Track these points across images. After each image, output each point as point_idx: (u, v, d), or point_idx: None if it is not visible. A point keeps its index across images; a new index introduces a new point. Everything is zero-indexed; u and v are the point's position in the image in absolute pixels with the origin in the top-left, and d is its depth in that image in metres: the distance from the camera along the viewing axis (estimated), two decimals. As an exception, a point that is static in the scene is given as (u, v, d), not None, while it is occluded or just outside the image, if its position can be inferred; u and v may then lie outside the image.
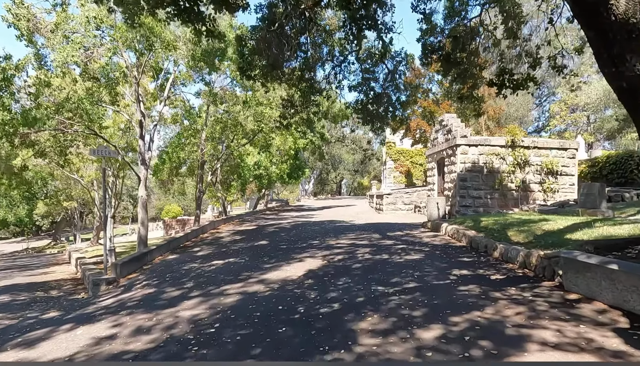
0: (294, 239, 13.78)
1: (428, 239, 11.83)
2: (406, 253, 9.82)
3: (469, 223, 12.71)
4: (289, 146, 26.54)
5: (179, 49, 13.40)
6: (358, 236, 13.48)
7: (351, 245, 11.67)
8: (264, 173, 26.13)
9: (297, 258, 10.33)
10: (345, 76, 13.57)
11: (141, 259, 12.20)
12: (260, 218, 23.85)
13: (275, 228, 18.05)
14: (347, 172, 78.82)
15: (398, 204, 25.02)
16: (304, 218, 23.46)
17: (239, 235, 16.20)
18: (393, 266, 8.42)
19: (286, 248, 12.16)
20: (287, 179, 29.17)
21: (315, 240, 13.24)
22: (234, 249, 12.79)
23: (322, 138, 30.80)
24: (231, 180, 24.94)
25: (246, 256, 11.29)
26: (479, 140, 17.90)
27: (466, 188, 17.69)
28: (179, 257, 12.68)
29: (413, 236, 12.89)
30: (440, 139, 20.49)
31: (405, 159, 36.43)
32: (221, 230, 18.32)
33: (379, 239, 12.59)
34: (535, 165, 17.78)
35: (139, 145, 14.60)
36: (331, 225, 17.93)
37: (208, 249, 13.61)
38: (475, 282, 6.67)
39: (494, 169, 17.71)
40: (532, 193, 17.81)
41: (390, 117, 15.08)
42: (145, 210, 14.84)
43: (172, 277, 9.86)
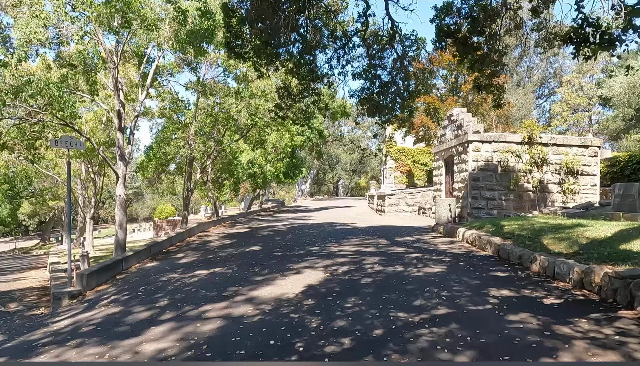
0: (290, 245, 12.22)
1: (444, 247, 10.30)
2: (423, 263, 8.28)
3: (489, 227, 11.20)
4: (285, 143, 24.97)
5: (161, 29, 11.83)
6: (363, 242, 11.94)
7: (356, 253, 10.13)
8: (259, 172, 24.54)
9: (294, 268, 8.77)
10: (349, 61, 12.03)
11: (114, 268, 10.60)
12: (254, 220, 22.26)
13: (269, 231, 16.48)
14: (344, 173, 77.34)
15: (401, 205, 23.51)
16: (301, 219, 21.89)
17: (229, 239, 14.62)
18: (412, 282, 6.88)
19: (281, 255, 10.60)
20: (283, 179, 27.60)
21: (315, 246, 11.69)
22: (222, 257, 11.21)
23: (320, 135, 29.25)
24: (223, 179, 23.35)
25: (235, 265, 9.72)
26: (493, 136, 16.40)
27: (478, 188, 16.19)
28: (159, 265, 11.10)
29: (426, 242, 11.36)
30: (449, 136, 19.00)
31: (406, 158, 34.94)
32: (210, 233, 16.72)
33: (388, 245, 11.05)
34: (553, 164, 16.30)
35: (117, 138, 13.00)
36: (331, 228, 16.38)
37: (193, 255, 12.03)
38: (526, 308, 5.14)
39: (509, 168, 16.22)
40: (550, 194, 16.33)
41: (399, 108, 13.56)
42: (123, 211, 13.23)
43: (146, 291, 8.29)
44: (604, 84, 33.92)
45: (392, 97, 13.34)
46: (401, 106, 13.28)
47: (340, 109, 29.93)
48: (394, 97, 13.37)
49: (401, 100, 13.26)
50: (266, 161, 25.43)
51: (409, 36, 12.60)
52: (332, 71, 12.04)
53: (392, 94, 13.36)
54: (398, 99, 13.24)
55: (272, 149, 25.37)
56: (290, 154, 27.12)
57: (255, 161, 24.04)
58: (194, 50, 13.26)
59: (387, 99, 13.37)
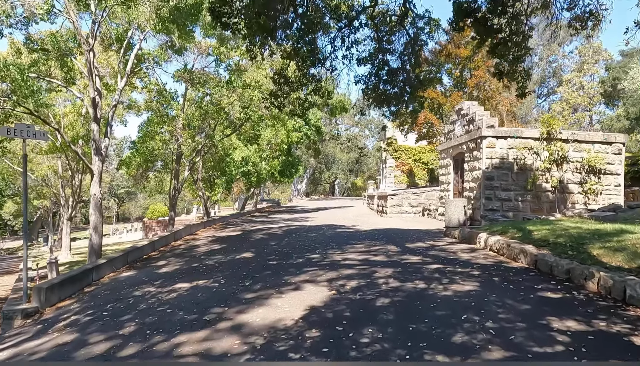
0: (286, 252, 10.76)
1: (466, 256, 8.88)
2: (448, 278, 6.86)
3: (514, 232, 9.82)
4: (281, 139, 23.48)
5: (141, 6, 10.35)
6: (369, 248, 10.51)
7: (364, 262, 8.70)
8: (253, 170, 23.04)
9: (292, 282, 7.33)
10: (354, 43, 10.58)
11: (83, 279, 9.10)
12: (247, 221, 20.77)
13: (263, 234, 15.01)
14: (341, 172, 75.99)
15: (404, 206, 22.11)
16: (298, 221, 20.43)
17: (218, 243, 13.14)
18: (442, 305, 5.46)
19: (277, 264, 9.14)
20: (278, 178, 26.13)
21: (315, 253, 10.25)
22: (208, 265, 9.74)
23: (318, 132, 27.81)
24: (215, 177, 21.86)
25: (222, 277, 8.27)
26: (509, 131, 15.03)
27: (493, 188, 14.81)
28: (135, 275, 9.63)
29: (442, 249, 9.94)
30: (458, 132, 17.62)
31: (407, 157, 33.59)
32: (199, 236, 15.23)
33: (399, 253, 9.62)
34: (574, 162, 14.96)
35: (92, 130, 11.51)
36: (331, 231, 14.95)
37: (176, 263, 10.55)
38: (614, 353, 3.73)
39: (526, 166, 14.86)
40: (570, 195, 14.98)
41: (408, 99, 12.14)
42: (99, 212, 11.73)
43: (113, 311, 6.84)
44: (627, 76, 32.44)
45: (401, 86, 11.93)
46: (411, 96, 11.86)
47: (339, 105, 28.53)
48: (403, 86, 11.96)
49: (411, 89, 11.84)
50: (261, 159, 23.94)
51: (423, 16, 11.20)
52: (335, 54, 10.60)
53: (401, 83, 11.95)
54: (407, 88, 11.83)
55: (267, 146, 23.89)
56: (286, 152, 25.64)
57: (249, 159, 22.55)
58: (178, 30, 11.76)
59: (396, 88, 11.97)
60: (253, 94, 16.21)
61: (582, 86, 52.38)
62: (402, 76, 11.94)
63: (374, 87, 11.99)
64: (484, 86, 25.11)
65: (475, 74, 24.68)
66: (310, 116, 26.18)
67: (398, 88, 11.91)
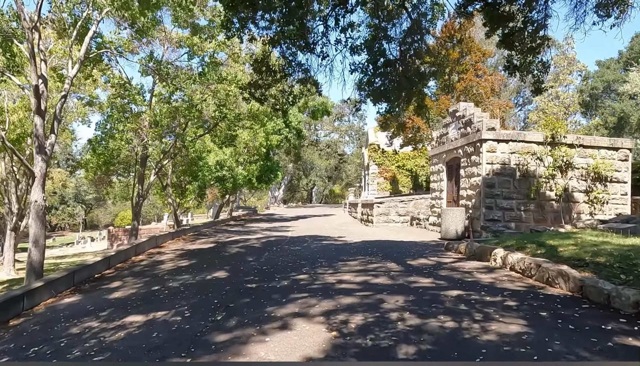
0: (267, 271, 9.06)
1: (486, 278, 7.40)
2: (481, 311, 5.33)
3: (534, 248, 8.45)
4: (260, 142, 21.76)
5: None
6: (366, 266, 8.92)
7: (364, 286, 7.11)
8: (228, 175, 21.20)
9: (277, 317, 5.66)
10: (349, 25, 9.06)
11: (8, 309, 7.17)
12: (221, 231, 18.90)
13: (240, 247, 13.24)
14: (319, 179, 74.49)
15: (391, 215, 20.69)
16: (278, 231, 18.70)
17: (187, 259, 11.31)
18: (491, 357, 3.91)
19: (256, 288, 7.44)
20: (256, 184, 24.34)
21: (302, 272, 8.59)
22: (172, 289, 7.95)
23: (298, 135, 26.20)
24: (186, 183, 19.92)
25: (187, 307, 6.52)
26: (511, 134, 13.82)
27: (494, 196, 13.52)
28: (79, 302, 7.76)
29: (452, 268, 8.44)
30: (452, 135, 16.34)
31: (390, 163, 32.34)
32: (165, 250, 13.33)
33: (403, 273, 8.07)
34: (579, 168, 13.84)
35: (34, 124, 9.56)
36: (317, 244, 13.32)
37: (133, 285, 8.70)
38: None
39: (529, 172, 13.65)
40: (575, 204, 13.84)
41: (406, 95, 10.70)
42: (41, 223, 9.75)
43: (37, 357, 5.09)
44: (628, 79, 32.05)
45: (399, 79, 10.47)
46: (411, 93, 10.42)
47: (321, 107, 27.04)
48: (400, 80, 10.50)
49: (411, 84, 10.40)
50: (237, 163, 22.14)
51: (425, 0, 9.80)
52: (327, 38, 9.03)
53: (399, 75, 10.50)
54: (407, 81, 10.38)
55: (244, 149, 22.12)
56: (265, 156, 23.91)
57: (225, 163, 20.73)
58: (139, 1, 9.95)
59: (394, 81, 10.51)
60: (229, 89, 14.51)
61: (557, 95, 52.72)
62: (401, 68, 10.51)
63: (370, 80, 10.52)
64: (472, 89, 24.10)
65: (464, 77, 23.65)
66: (291, 118, 24.56)
67: (396, 81, 10.46)
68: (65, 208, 63.98)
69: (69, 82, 10.59)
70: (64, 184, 40.26)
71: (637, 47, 44.64)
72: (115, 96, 15.68)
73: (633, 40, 45.54)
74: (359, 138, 62.11)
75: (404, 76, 10.24)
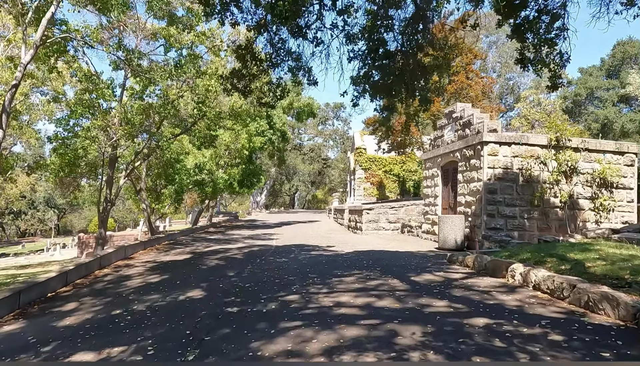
0: (251, 289, 7.79)
1: (510, 299, 6.31)
2: (526, 352, 4.21)
3: (555, 262, 7.48)
4: (242, 144, 20.45)
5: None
6: (365, 284, 7.75)
7: (368, 311, 5.93)
8: (208, 179, 19.82)
9: (265, 357, 4.44)
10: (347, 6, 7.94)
11: None
12: (199, 239, 17.48)
13: (219, 258, 11.92)
14: (302, 184, 73.26)
15: (381, 222, 19.62)
16: (261, 239, 17.41)
17: (158, 274, 9.93)
18: None
19: (238, 314, 6.18)
20: (238, 188, 22.98)
21: (291, 292, 7.37)
22: (136, 314, 6.62)
23: (283, 138, 24.96)
24: (162, 187, 18.45)
25: (152, 341, 5.23)
26: (513, 137, 12.92)
27: (496, 203, 12.56)
28: (20, 331, 6.35)
29: (466, 286, 7.34)
30: (448, 137, 15.39)
31: (377, 168, 31.37)
32: (135, 262, 11.90)
33: (411, 293, 6.93)
34: (585, 174, 13.02)
35: (-23, 117, 8.10)
36: (305, 255, 12.09)
37: (90, 308, 7.31)
38: None
39: (533, 177, 12.76)
40: (581, 211, 13.00)
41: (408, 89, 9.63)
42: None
43: None
44: (628, 81, 31.74)
45: (399, 73, 9.40)
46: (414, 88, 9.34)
47: (306, 109, 25.88)
48: (401, 73, 9.43)
49: (413, 77, 9.34)
50: (217, 166, 20.76)
51: (431, -18, 8.75)
52: (321, 22, 7.88)
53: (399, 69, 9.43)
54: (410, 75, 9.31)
55: (225, 152, 20.78)
56: (247, 159, 22.59)
57: (204, 166, 19.34)
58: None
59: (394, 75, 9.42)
60: (209, 83, 13.23)
61: (539, 102, 52.91)
62: (402, 60, 9.44)
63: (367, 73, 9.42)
64: (463, 92, 23.34)
65: (455, 79, 22.87)
66: (275, 120, 23.35)
67: (396, 74, 9.38)
68: (35, 212, 60.92)
69: (21, 70, 9.15)
70: (33, 188, 37.98)
71: (619, 54, 45.01)
72: (82, 91, 14.16)
73: (615, 47, 45.93)
74: (344, 143, 61.26)
75: (406, 68, 9.17)
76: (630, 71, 32.05)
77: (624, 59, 44.57)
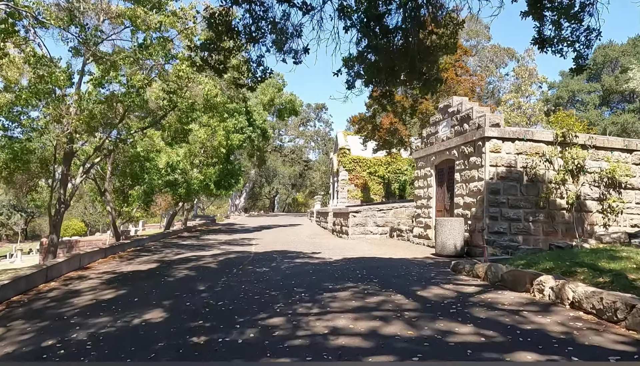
0: (224, 310, 6.33)
1: (551, 324, 5.05)
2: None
3: (587, 273, 6.33)
4: (219, 141, 18.90)
5: None
6: (364, 301, 6.40)
7: (375, 341, 4.58)
8: (181, 179, 18.20)
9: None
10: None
11: None
12: (170, 245, 15.85)
13: (190, 268, 10.39)
14: (283, 187, 71.65)
15: (369, 226, 18.37)
16: (239, 245, 15.91)
17: (114, 288, 8.35)
18: None
19: (205, 348, 4.73)
20: (214, 190, 21.38)
21: (274, 312, 5.96)
22: (74, 346, 5.10)
23: (263, 136, 23.51)
24: (129, 187, 16.76)
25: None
26: (517, 132, 11.86)
27: (499, 204, 11.43)
28: None
29: (486, 304, 6.06)
30: (443, 134, 14.25)
31: (362, 169, 30.18)
32: (91, 272, 10.26)
33: (421, 313, 5.62)
34: (592, 173, 12.04)
35: None
36: (289, 264, 10.68)
37: (18, 336, 5.74)
38: None
39: (538, 176, 11.70)
40: (588, 214, 12.00)
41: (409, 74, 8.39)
42: None
43: None
44: (629, 76, 31.28)
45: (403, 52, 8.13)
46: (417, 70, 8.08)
47: (288, 106, 24.49)
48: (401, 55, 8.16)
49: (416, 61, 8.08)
50: (192, 165, 19.15)
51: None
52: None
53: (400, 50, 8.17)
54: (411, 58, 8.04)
55: (200, 150, 19.20)
56: (225, 158, 21.03)
57: (177, 165, 17.71)
58: None
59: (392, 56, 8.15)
60: (180, 68, 11.73)
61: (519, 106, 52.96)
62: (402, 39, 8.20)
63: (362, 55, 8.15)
64: (452, 90, 22.36)
65: (445, 75, 21.86)
66: (255, 116, 21.88)
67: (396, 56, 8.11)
68: (14, 213, 57.35)
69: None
70: (-7, 190, 35.29)
71: (599, 58, 45.20)
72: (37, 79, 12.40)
73: (596, 51, 46.13)
74: (325, 144, 60.02)
75: (408, 47, 7.91)
76: (632, 66, 31.81)
77: (605, 63, 44.77)
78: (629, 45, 43.63)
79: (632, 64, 31.01)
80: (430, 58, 8.43)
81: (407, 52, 7.86)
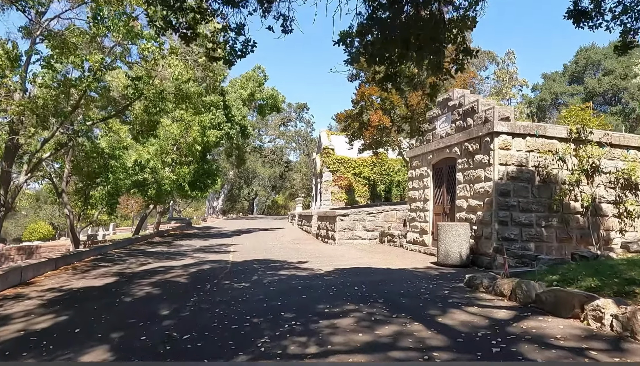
0: (190, 349, 4.76)
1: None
2: None
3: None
4: (194, 137, 17.21)
5: None
6: (374, 333, 4.95)
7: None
8: (151, 179, 16.44)
9: None
10: None
11: None
12: (136, 253, 14.09)
13: (153, 284, 8.74)
14: (262, 189, 69.79)
15: (357, 230, 16.99)
16: (215, 253, 14.28)
17: (54, 313, 6.65)
18: None
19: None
20: (189, 191, 19.63)
21: (258, 352, 4.43)
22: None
23: (243, 133, 21.87)
24: (90, 187, 14.92)
25: None
26: (529, 127, 10.65)
27: (509, 208, 10.19)
28: None
29: (533, 338, 4.69)
30: (442, 130, 13.00)
31: (346, 170, 28.84)
32: (32, 289, 8.50)
33: (455, 353, 4.20)
34: (607, 173, 10.95)
35: None
36: (273, 277, 9.15)
37: None
38: None
39: (551, 176, 10.53)
40: (604, 218, 10.90)
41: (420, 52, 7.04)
42: None
43: None
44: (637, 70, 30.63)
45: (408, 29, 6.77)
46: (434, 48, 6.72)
47: (270, 101, 22.95)
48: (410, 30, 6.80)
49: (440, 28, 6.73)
50: (164, 164, 17.39)
51: None
52: None
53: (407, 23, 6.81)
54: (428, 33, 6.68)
55: (173, 147, 17.47)
56: (200, 157, 19.32)
57: (147, 163, 15.94)
58: None
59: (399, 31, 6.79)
60: (145, 47, 10.10)
61: (501, 108, 52.73)
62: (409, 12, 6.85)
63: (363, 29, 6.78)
64: (443, 86, 21.22)
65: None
66: (233, 111, 20.28)
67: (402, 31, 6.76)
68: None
69: None
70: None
71: (582, 61, 45.17)
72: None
73: (578, 54, 46.13)
74: (307, 145, 58.53)
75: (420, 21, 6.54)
76: (637, 61, 31.40)
77: (587, 65, 44.76)
78: (611, 48, 43.67)
79: (638, 60, 30.67)
80: (446, 33, 7.09)
81: (429, 20, 6.50)
